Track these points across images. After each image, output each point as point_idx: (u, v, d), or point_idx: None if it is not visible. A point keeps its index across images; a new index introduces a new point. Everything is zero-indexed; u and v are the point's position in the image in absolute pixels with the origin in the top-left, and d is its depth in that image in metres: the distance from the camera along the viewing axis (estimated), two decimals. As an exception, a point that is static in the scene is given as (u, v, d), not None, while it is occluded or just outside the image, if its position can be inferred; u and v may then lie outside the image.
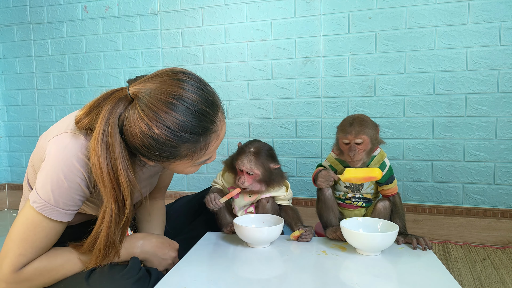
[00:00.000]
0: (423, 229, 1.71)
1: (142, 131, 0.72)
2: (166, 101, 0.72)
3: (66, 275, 0.82)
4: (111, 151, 0.73)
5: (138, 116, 0.72)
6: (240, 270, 0.88)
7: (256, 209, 1.16)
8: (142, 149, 0.75)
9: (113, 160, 0.74)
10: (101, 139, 0.73)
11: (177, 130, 0.72)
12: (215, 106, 0.78)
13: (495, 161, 1.64)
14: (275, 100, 1.90)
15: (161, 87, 0.73)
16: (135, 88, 0.75)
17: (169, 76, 0.76)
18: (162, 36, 2.04)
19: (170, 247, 0.98)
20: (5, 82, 2.35)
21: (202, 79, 0.80)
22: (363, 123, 1.08)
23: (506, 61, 1.59)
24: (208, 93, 0.78)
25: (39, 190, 0.76)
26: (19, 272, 0.76)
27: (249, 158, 1.10)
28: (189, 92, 0.74)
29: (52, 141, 0.78)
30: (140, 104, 0.73)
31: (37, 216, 0.76)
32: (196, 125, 0.74)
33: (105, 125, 0.73)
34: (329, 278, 0.83)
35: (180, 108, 0.72)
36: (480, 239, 1.64)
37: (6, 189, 2.41)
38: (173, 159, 0.78)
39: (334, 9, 1.77)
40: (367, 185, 1.12)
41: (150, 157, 0.77)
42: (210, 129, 0.77)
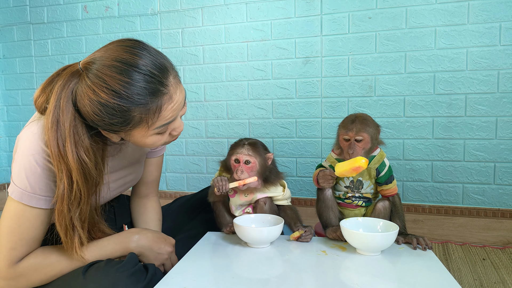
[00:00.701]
0: (423, 229, 1.71)
1: (91, 98, 0.72)
2: (111, 65, 0.72)
3: (63, 272, 0.83)
4: (62, 125, 0.74)
5: (85, 85, 0.72)
6: (240, 270, 0.88)
7: (254, 210, 1.16)
8: (95, 119, 0.74)
9: (64, 134, 0.74)
10: (52, 115, 0.74)
11: (124, 92, 0.71)
12: (164, 69, 0.76)
13: (495, 161, 1.64)
14: (275, 100, 1.90)
15: (107, 53, 0.74)
16: (85, 60, 0.76)
17: (116, 43, 0.76)
18: (162, 36, 2.04)
19: (165, 242, 0.98)
20: (5, 82, 2.35)
21: (149, 45, 0.78)
22: (365, 121, 1.08)
23: (506, 61, 1.59)
24: (157, 56, 0.76)
25: (15, 179, 0.77)
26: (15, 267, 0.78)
27: (246, 147, 1.09)
28: (135, 56, 0.73)
29: (22, 132, 0.80)
30: (88, 73, 0.73)
31: (18, 206, 0.77)
32: (143, 86, 0.72)
33: (57, 100, 0.74)
34: (329, 278, 0.83)
35: (126, 71, 0.71)
36: (480, 239, 1.64)
37: (6, 189, 2.41)
38: (128, 125, 0.75)
39: (334, 9, 1.77)
40: (366, 184, 1.12)
41: (106, 128, 0.76)
42: (160, 91, 0.74)
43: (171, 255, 0.99)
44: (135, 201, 1.18)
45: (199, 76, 1.99)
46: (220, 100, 1.98)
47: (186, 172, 2.09)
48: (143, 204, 1.17)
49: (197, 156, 2.06)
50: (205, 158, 2.04)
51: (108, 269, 0.80)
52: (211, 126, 2.01)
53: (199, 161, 2.06)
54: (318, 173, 1.10)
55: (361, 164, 1.01)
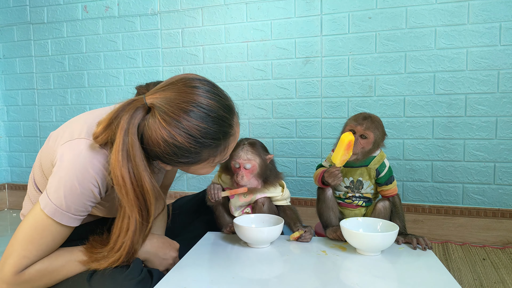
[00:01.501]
0: (423, 229, 1.71)
1: (165, 139, 0.74)
2: (186, 109, 0.73)
3: (67, 276, 0.82)
4: (133, 160, 0.75)
5: (159, 125, 0.73)
6: (240, 270, 0.88)
7: (253, 210, 1.16)
8: (164, 156, 0.77)
9: (135, 169, 0.75)
10: (121, 150, 0.74)
11: (199, 136, 0.75)
12: (232, 110, 0.81)
13: (495, 161, 1.64)
14: (275, 100, 1.90)
15: (179, 95, 0.75)
16: (152, 98, 0.76)
17: (184, 83, 0.77)
18: (162, 36, 2.04)
19: (171, 247, 0.98)
20: (5, 82, 2.35)
21: (215, 83, 0.82)
22: (377, 123, 1.09)
23: (506, 61, 1.59)
24: (224, 98, 0.80)
25: (51, 195, 0.76)
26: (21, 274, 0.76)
27: (245, 149, 1.09)
28: (207, 99, 0.76)
29: (65, 146, 0.78)
30: (160, 112, 0.74)
31: (47, 220, 0.76)
32: (217, 130, 0.77)
33: (125, 135, 0.74)
34: (329, 278, 0.83)
35: (200, 115, 0.74)
36: (480, 239, 1.64)
37: (6, 189, 2.41)
38: (194, 164, 0.81)
39: (334, 9, 1.77)
40: (367, 185, 1.13)
41: (171, 163, 0.79)
42: (229, 133, 0.80)
43: (175, 260, 0.99)
44: None
45: (199, 76, 1.99)
46: (220, 100, 1.97)
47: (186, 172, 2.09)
48: None
49: (197, 156, 2.05)
50: (205, 158, 2.04)
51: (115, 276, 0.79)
52: (211, 126, 2.01)
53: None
54: (324, 174, 1.09)
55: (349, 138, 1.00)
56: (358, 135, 1.06)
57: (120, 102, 0.79)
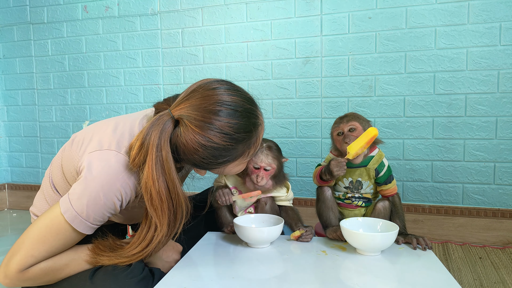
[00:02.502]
0: (423, 229, 1.71)
1: (202, 144, 0.76)
2: (215, 110, 0.76)
3: (70, 274, 0.83)
4: (167, 174, 0.77)
5: (192, 132, 0.76)
6: (240, 270, 0.89)
7: (255, 210, 1.16)
8: (201, 162, 0.79)
9: (170, 182, 0.77)
10: (155, 164, 0.75)
11: (233, 132, 0.77)
12: (254, 102, 0.85)
13: (495, 161, 1.64)
14: (275, 100, 1.90)
15: (203, 100, 0.77)
16: (178, 110, 0.78)
17: (204, 88, 0.80)
18: (162, 36, 2.04)
19: (174, 250, 0.99)
20: (5, 82, 2.35)
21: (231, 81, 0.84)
22: (354, 115, 1.12)
23: (506, 61, 1.59)
24: (244, 92, 0.83)
25: (74, 202, 0.76)
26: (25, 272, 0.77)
27: (265, 153, 1.10)
28: (230, 96, 0.79)
29: (94, 156, 0.79)
30: (190, 120, 0.76)
31: (64, 225, 0.77)
32: (247, 123, 0.79)
33: (157, 151, 0.76)
34: (329, 278, 0.83)
35: (229, 112, 0.77)
36: (480, 239, 1.64)
37: (6, 189, 2.41)
38: (231, 162, 0.83)
39: (334, 9, 1.77)
40: (366, 185, 1.12)
41: (209, 167, 0.82)
42: (257, 123, 0.83)
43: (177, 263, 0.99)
44: None
45: (199, 76, 1.99)
46: (220, 100, 1.98)
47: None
48: None
49: (197, 156, 2.05)
50: (205, 158, 2.04)
51: (117, 275, 0.80)
52: (211, 126, 2.01)
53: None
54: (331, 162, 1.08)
55: (374, 133, 1.02)
56: (347, 130, 1.08)
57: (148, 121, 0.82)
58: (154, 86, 2.09)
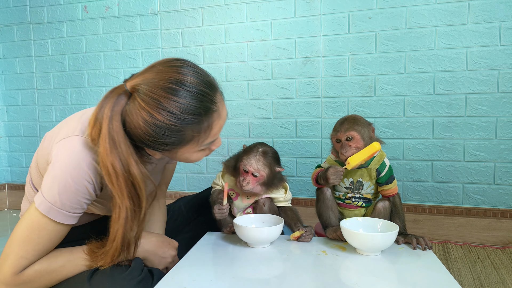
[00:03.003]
0: (423, 229, 1.71)
1: (145, 120, 0.73)
2: (165, 87, 0.72)
3: (67, 276, 0.82)
4: (119, 147, 0.74)
5: (139, 106, 0.73)
6: (240, 270, 0.88)
7: (254, 210, 1.16)
8: (147, 139, 0.75)
9: (122, 155, 0.74)
10: (107, 137, 0.73)
11: (180, 113, 0.73)
12: (213, 87, 0.79)
13: (495, 161, 1.64)
14: (275, 100, 1.90)
15: (158, 75, 0.74)
16: (132, 82, 0.75)
17: (163, 64, 0.77)
18: (162, 36, 2.04)
19: (169, 246, 0.98)
20: (5, 82, 2.35)
21: (195, 63, 0.81)
22: (353, 121, 1.09)
23: (506, 61, 1.59)
24: (204, 75, 0.79)
25: (45, 193, 0.75)
26: (20, 274, 0.76)
27: (258, 158, 1.09)
28: (186, 75, 0.75)
29: (59, 144, 0.78)
30: (140, 95, 0.73)
31: (42, 219, 0.76)
32: (197, 106, 0.75)
33: (110, 123, 0.73)
34: (329, 278, 0.83)
35: (180, 92, 0.73)
36: (480, 239, 1.64)
37: (6, 189, 2.41)
38: (179, 145, 0.78)
39: (334, 9, 1.77)
40: (367, 185, 1.12)
41: (156, 147, 0.78)
42: (211, 109, 0.77)
43: (174, 259, 0.99)
44: None
45: (199, 76, 1.99)
46: (220, 100, 1.97)
47: (186, 172, 2.09)
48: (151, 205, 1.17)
49: (197, 156, 2.05)
50: (205, 158, 2.04)
51: (115, 276, 0.79)
52: (211, 126, 2.01)
53: (199, 161, 2.06)
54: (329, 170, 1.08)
55: (376, 149, 1.03)
56: (344, 139, 1.07)
57: None
58: (154, 86, 2.09)
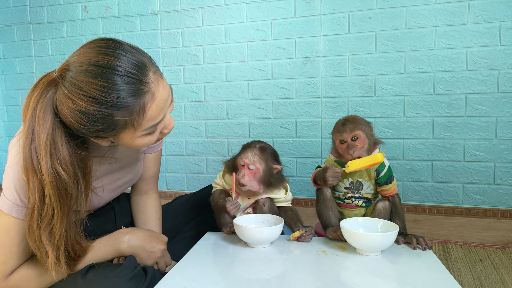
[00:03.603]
0: (423, 229, 1.71)
1: (70, 107, 0.68)
2: (86, 70, 0.67)
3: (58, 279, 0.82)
4: (37, 137, 0.70)
5: (63, 94, 0.69)
6: (240, 270, 0.89)
7: (254, 210, 1.16)
8: (79, 127, 0.70)
9: (38, 147, 0.70)
10: (28, 126, 0.70)
11: (102, 97, 0.67)
12: (142, 66, 0.71)
13: (495, 161, 1.64)
14: (275, 100, 1.90)
15: (80, 58, 0.69)
16: (60, 68, 0.71)
17: (88, 46, 0.71)
18: (162, 36, 2.04)
19: (158, 240, 0.97)
20: (5, 82, 2.35)
21: (126, 43, 0.73)
22: (356, 120, 1.10)
23: (506, 61, 1.59)
24: (132, 54, 0.71)
25: (5, 192, 0.76)
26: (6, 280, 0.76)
27: (254, 152, 1.10)
28: (109, 56, 0.68)
29: (11, 144, 0.78)
30: (64, 82, 0.69)
31: (8, 219, 0.76)
32: (122, 88, 0.68)
33: (33, 111, 0.70)
34: (329, 278, 0.83)
35: (101, 74, 0.67)
36: (480, 239, 1.64)
37: (6, 189, 2.41)
38: (114, 130, 0.72)
39: (334, 9, 1.77)
40: (366, 185, 1.12)
41: (93, 135, 0.73)
42: (141, 90, 0.70)
43: (163, 253, 0.98)
44: (134, 198, 1.18)
45: (199, 76, 1.99)
46: (220, 100, 1.98)
47: (186, 172, 2.09)
48: (143, 201, 1.16)
49: (197, 156, 2.06)
50: (205, 158, 2.04)
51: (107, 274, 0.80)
52: (211, 126, 2.01)
53: (199, 161, 2.06)
54: (327, 171, 1.08)
55: (379, 160, 1.03)
56: (349, 140, 1.07)
57: None
58: (154, 86, 2.09)
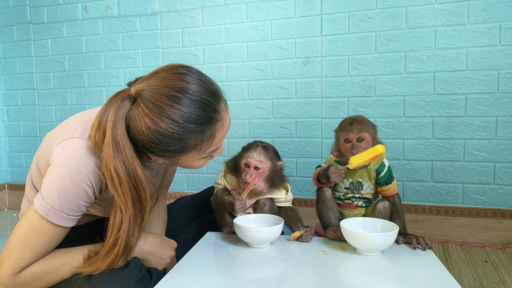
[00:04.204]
0: (423, 229, 1.71)
1: (149, 127, 0.73)
2: (169, 95, 0.73)
3: (64, 277, 0.82)
4: (123, 152, 0.74)
5: (142, 113, 0.73)
6: (240, 270, 0.89)
7: (254, 210, 1.16)
8: (150, 146, 0.75)
9: (126, 159, 0.74)
10: (111, 142, 0.73)
11: (183, 122, 0.73)
12: (217, 96, 0.80)
13: (495, 161, 1.64)
14: (275, 100, 1.90)
15: (162, 82, 0.74)
16: (137, 87, 0.76)
17: (168, 71, 0.77)
18: (162, 36, 2.04)
19: (168, 246, 0.98)
20: (5, 82, 2.35)
21: (200, 71, 0.81)
22: (363, 121, 1.09)
23: (506, 61, 1.59)
24: (209, 83, 0.79)
25: (45, 195, 0.75)
26: (17, 276, 0.76)
27: (259, 151, 1.10)
28: (191, 84, 0.75)
29: (59, 146, 0.78)
30: (144, 101, 0.73)
31: (41, 221, 0.76)
32: (200, 115, 0.75)
33: (113, 127, 0.74)
34: (329, 278, 0.83)
35: (183, 100, 0.73)
36: (480, 239, 1.64)
37: (6, 189, 2.41)
38: (182, 152, 0.79)
39: (334, 9, 1.77)
40: (366, 185, 1.12)
41: (159, 154, 0.78)
42: (215, 118, 0.78)
43: (172, 259, 0.99)
44: None
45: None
46: (220, 100, 1.97)
47: (186, 172, 2.09)
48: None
49: (197, 156, 2.05)
50: (205, 158, 2.04)
51: (114, 276, 0.79)
52: (211, 126, 2.01)
53: (199, 161, 2.05)
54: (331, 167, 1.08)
55: (380, 152, 1.02)
56: (355, 140, 1.07)
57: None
58: (154, 86, 2.09)
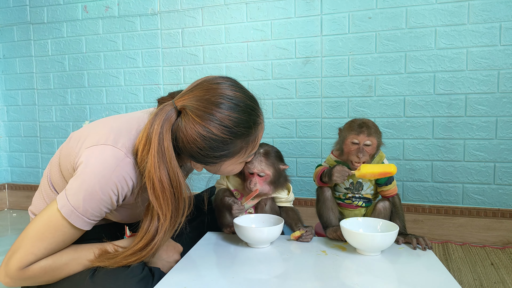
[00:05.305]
0: (423, 229, 1.71)
1: (201, 134, 0.77)
2: (216, 102, 0.78)
3: (70, 274, 0.83)
4: (168, 162, 0.78)
5: (193, 121, 0.77)
6: (240, 270, 0.89)
7: (255, 210, 1.17)
8: (198, 154, 0.80)
9: (171, 170, 0.78)
10: (157, 153, 0.76)
11: (233, 126, 0.79)
12: (256, 100, 0.86)
13: (495, 161, 1.64)
14: (275, 100, 1.90)
15: (207, 92, 0.79)
16: (181, 100, 0.81)
17: (208, 82, 0.82)
18: (162, 36, 2.04)
19: (174, 250, 0.99)
20: (5, 82, 2.35)
21: (235, 79, 0.87)
22: (373, 127, 1.09)
23: (506, 61, 1.59)
24: (247, 91, 0.86)
25: (70, 197, 0.77)
26: (25, 270, 0.77)
27: (260, 159, 1.10)
28: (233, 91, 0.81)
29: (90, 150, 0.80)
30: (193, 110, 0.78)
31: (61, 221, 0.77)
32: (247, 119, 0.81)
33: (160, 140, 0.77)
34: (329, 278, 0.83)
35: (230, 106, 0.79)
36: (480, 239, 1.64)
37: (6, 189, 2.41)
38: (228, 157, 0.84)
39: (334, 9, 1.77)
40: (366, 186, 1.13)
41: (205, 161, 0.82)
42: (257, 122, 0.85)
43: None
44: None
45: (199, 76, 1.98)
46: (220, 100, 1.98)
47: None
48: None
49: (197, 156, 2.05)
50: (205, 158, 2.04)
51: (117, 274, 0.80)
52: (211, 126, 2.01)
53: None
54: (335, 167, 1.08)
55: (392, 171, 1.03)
56: (362, 144, 1.06)
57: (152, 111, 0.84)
58: (154, 86, 2.09)
